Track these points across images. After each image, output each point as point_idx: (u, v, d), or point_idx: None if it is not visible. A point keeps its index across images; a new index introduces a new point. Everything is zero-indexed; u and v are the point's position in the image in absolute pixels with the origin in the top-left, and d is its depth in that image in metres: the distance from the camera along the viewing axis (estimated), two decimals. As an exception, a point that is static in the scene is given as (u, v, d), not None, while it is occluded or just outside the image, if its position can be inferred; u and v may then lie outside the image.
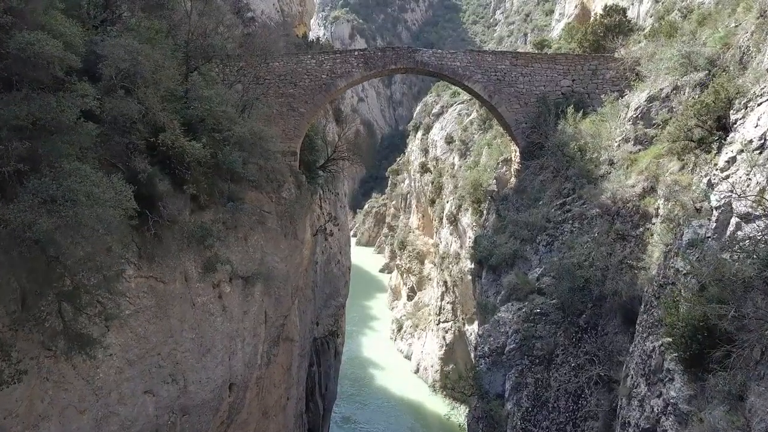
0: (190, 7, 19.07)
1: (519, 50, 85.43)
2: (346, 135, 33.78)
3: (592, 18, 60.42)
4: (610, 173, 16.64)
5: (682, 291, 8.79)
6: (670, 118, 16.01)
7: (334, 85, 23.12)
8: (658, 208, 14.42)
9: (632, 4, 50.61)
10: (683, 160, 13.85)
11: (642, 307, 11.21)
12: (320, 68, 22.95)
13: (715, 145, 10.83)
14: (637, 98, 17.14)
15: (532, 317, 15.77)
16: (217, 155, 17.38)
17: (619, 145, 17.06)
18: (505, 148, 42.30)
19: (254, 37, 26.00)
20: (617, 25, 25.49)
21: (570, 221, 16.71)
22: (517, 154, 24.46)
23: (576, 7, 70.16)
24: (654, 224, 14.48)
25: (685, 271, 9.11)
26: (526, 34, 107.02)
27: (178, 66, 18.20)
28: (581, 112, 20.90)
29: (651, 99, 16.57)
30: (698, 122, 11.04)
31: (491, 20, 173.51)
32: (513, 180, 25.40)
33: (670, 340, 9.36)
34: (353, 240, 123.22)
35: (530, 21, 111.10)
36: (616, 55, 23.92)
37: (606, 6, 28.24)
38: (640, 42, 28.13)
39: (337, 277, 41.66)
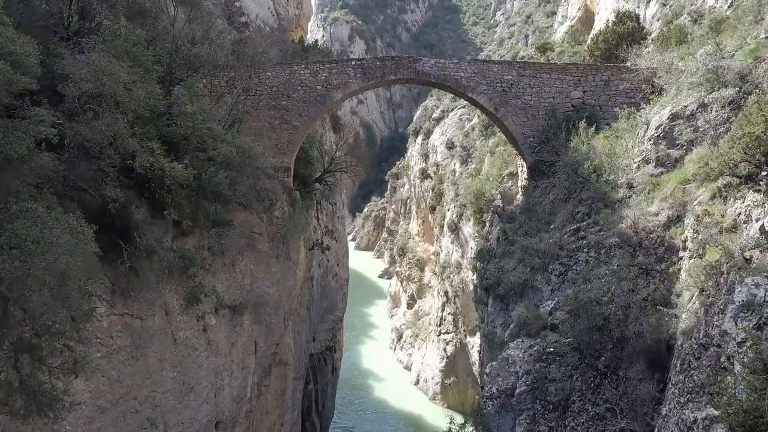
0: (173, 15, 17.65)
1: (521, 52, 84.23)
2: (345, 144, 32.33)
3: (597, 22, 59.19)
4: (629, 198, 15.26)
5: (736, 366, 7.44)
6: (696, 139, 14.65)
7: (329, 96, 21.73)
8: (685, 240, 13.03)
9: (638, 6, 49.27)
10: (716, 188, 12.46)
11: (677, 363, 9.86)
12: (315, 79, 21.56)
13: (764, 183, 9.46)
14: (657, 116, 15.76)
15: (544, 357, 14.38)
16: (201, 177, 15.99)
17: (638, 167, 15.68)
18: (509, 157, 40.94)
19: (246, 46, 24.60)
20: (630, 32, 24.08)
21: (585, 250, 15.34)
22: (524, 169, 23.07)
23: (579, 9, 68.85)
24: (681, 259, 13.09)
25: (738, 339, 7.76)
26: (527, 36, 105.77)
27: (160, 80, 16.84)
28: (594, 126, 19.51)
29: (674, 117, 15.20)
30: (745, 156, 9.68)
31: (491, 21, 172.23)
32: (520, 196, 24.00)
33: (718, 413, 7.98)
34: (352, 244, 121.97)
35: (531, 23, 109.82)
36: (629, 64, 22.53)
37: (618, 12, 26.82)
38: (647, 47, 26.75)
39: (334, 291, 40.28)
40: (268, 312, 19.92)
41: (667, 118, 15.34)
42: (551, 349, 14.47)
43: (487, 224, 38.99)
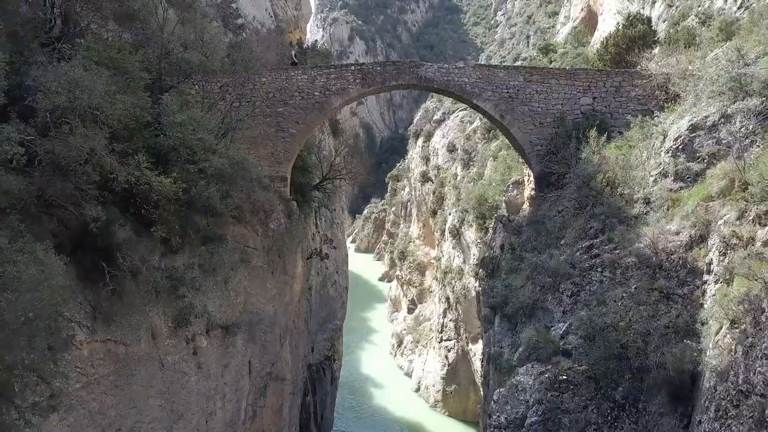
0: (162, 18, 16.71)
1: (523, 53, 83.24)
2: (344, 150, 31.39)
3: (601, 23, 58.23)
4: (646, 214, 14.31)
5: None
6: (718, 152, 13.70)
7: (328, 103, 20.79)
8: (710, 263, 12.10)
9: (643, 7, 48.31)
10: (741, 205, 11.53)
11: (708, 406, 8.94)
12: (313, 84, 20.61)
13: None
14: (676, 126, 14.81)
15: (557, 385, 13.44)
16: (191, 191, 15.06)
17: (655, 180, 14.74)
18: (512, 162, 40.03)
19: (241, 49, 23.61)
20: (642, 36, 23.11)
21: (599, 269, 14.40)
22: (531, 178, 22.12)
23: (582, 10, 67.85)
24: (705, 283, 12.15)
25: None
26: (528, 37, 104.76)
27: (148, 87, 15.90)
28: (605, 135, 18.56)
29: (694, 128, 14.26)
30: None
31: (492, 22, 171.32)
32: (526, 206, 23.05)
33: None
34: (352, 246, 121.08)
35: (533, 23, 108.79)
36: (639, 69, 21.58)
37: (628, 15, 25.85)
38: (653, 49, 25.79)
39: (333, 299, 39.35)
40: (263, 330, 19.02)
41: (687, 129, 14.39)
42: (564, 377, 13.53)
43: (490, 231, 38.03)
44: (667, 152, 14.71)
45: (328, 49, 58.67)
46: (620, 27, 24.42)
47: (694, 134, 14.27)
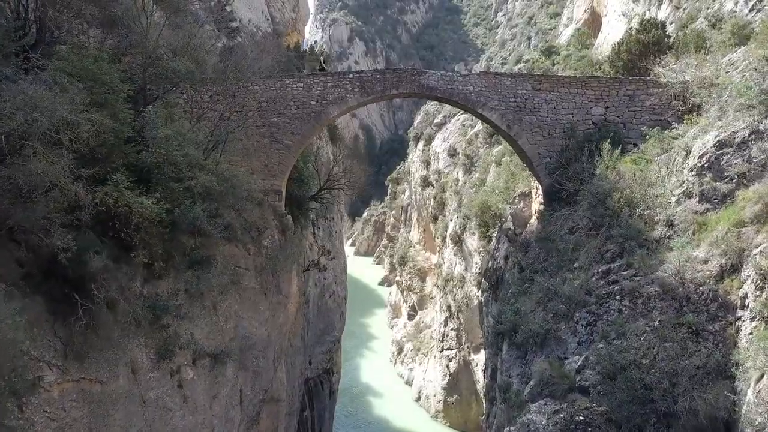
0: (146, 24, 15.57)
1: (525, 56, 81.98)
2: (343, 158, 30.26)
3: (605, 25, 57.11)
4: (669, 238, 13.16)
5: None
6: (749, 172, 12.57)
7: (325, 112, 19.63)
8: (745, 297, 10.96)
9: (648, 9, 47.13)
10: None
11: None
12: (309, 93, 19.46)
13: None
14: (701, 142, 13.67)
15: (573, 426, 12.27)
16: (175, 211, 13.92)
17: (678, 201, 13.59)
18: (516, 168, 38.82)
19: (234, 54, 22.49)
20: (656, 41, 21.96)
21: (618, 297, 13.25)
22: (539, 192, 20.97)
23: (585, 12, 66.70)
24: (740, 319, 11.02)
25: None
26: (530, 38, 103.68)
27: (131, 98, 14.77)
28: (619, 147, 17.42)
29: (721, 144, 13.12)
30: None
31: (493, 23, 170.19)
32: (533, 220, 21.90)
33: None
34: (351, 249, 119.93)
35: (534, 24, 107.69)
36: (652, 77, 20.43)
37: (642, 19, 24.69)
38: (668, 55, 24.63)
39: (331, 310, 38.19)
40: (256, 355, 17.88)
41: (713, 146, 13.24)
42: (581, 418, 12.36)
43: (494, 241, 36.86)
44: (691, 170, 13.56)
45: (327, 52, 57.42)
46: (633, 32, 23.23)
47: (721, 151, 13.12)
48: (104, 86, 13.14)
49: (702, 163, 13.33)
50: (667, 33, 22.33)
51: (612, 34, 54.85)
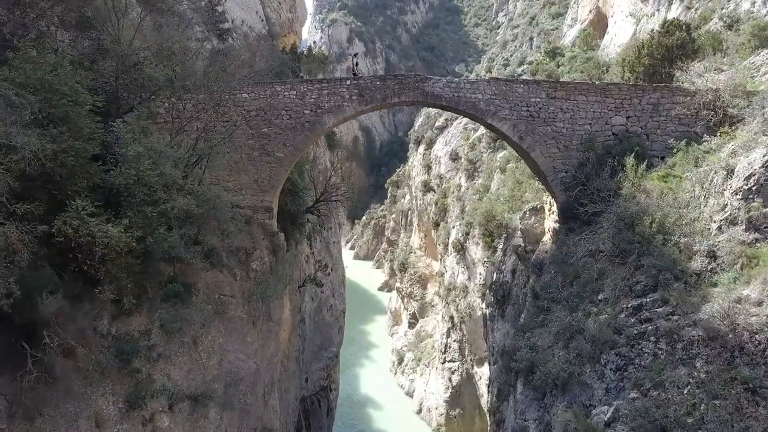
0: (118, 28, 13.88)
1: (528, 57, 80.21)
2: (340, 167, 28.57)
3: (611, 26, 55.42)
4: (712, 271, 11.50)
5: None
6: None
7: (320, 122, 17.96)
8: (811, 350, 9.27)
9: (657, 10, 45.43)
10: None
11: None
12: (302, 102, 17.78)
13: None
14: (746, 161, 12.02)
15: (604, 492, 10.58)
16: (146, 239, 12.25)
17: (720, 228, 11.94)
18: (522, 176, 37.16)
19: (222, 58, 20.80)
20: (681, 45, 20.26)
21: (652, 338, 11.59)
22: (554, 208, 19.28)
23: (590, 12, 65.04)
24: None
25: None
26: (532, 39, 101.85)
27: (102, 110, 13.09)
28: (644, 162, 15.74)
29: (770, 164, 11.50)
30: None
31: (494, 23, 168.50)
32: (546, 238, 20.19)
33: None
34: (351, 253, 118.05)
35: (536, 24, 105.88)
36: (679, 84, 18.73)
37: (665, 22, 22.98)
38: (693, 59, 22.96)
39: (329, 325, 36.49)
40: (243, 391, 16.18)
41: (762, 166, 11.59)
42: (613, 483, 10.68)
43: (500, 252, 35.20)
44: (736, 193, 11.89)
45: (326, 54, 55.66)
46: (655, 35, 21.52)
47: (770, 172, 11.47)
48: (65, 98, 11.48)
49: (749, 185, 11.66)
50: (693, 36, 20.54)
51: (619, 35, 53.19)
